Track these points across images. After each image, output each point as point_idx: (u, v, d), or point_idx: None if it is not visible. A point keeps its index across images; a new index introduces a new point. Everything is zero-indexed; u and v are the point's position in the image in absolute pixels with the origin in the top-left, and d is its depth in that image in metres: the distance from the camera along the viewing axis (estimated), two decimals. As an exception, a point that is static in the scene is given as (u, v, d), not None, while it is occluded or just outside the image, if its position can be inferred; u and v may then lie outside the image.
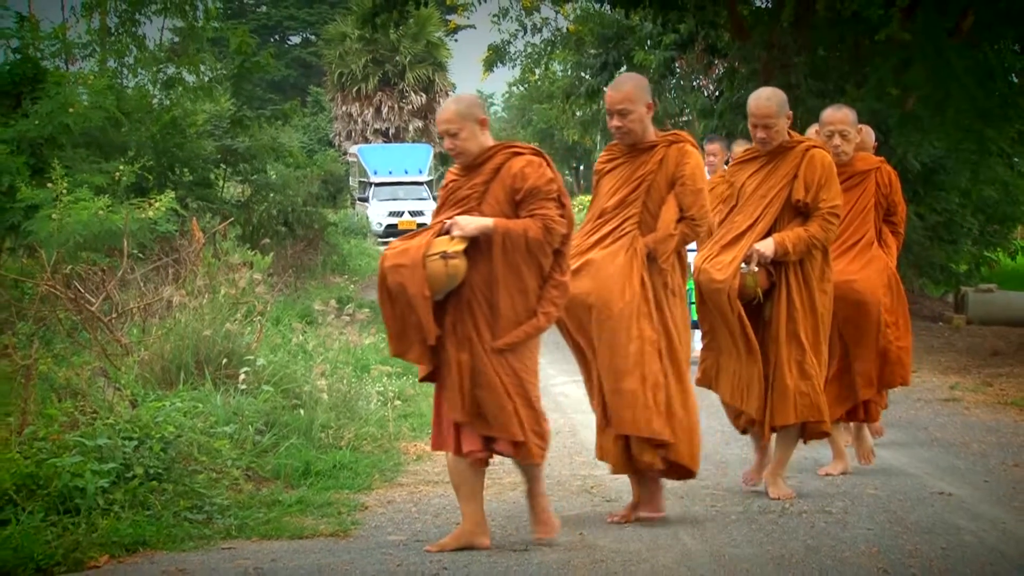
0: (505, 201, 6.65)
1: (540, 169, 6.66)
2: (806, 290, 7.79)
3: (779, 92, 8.01)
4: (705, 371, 8.02)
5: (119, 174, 15.06)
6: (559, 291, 6.70)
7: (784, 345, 7.71)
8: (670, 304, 7.25)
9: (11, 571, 6.45)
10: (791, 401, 7.69)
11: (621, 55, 28.23)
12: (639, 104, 7.29)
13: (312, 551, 6.80)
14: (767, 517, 7.47)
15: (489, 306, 6.57)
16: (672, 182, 7.28)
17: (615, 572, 6.31)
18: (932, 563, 6.44)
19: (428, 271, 6.43)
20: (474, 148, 6.72)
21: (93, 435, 7.77)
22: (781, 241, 7.67)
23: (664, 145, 7.34)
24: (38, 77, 16.65)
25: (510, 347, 6.55)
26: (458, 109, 6.74)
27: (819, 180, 7.75)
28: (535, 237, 6.54)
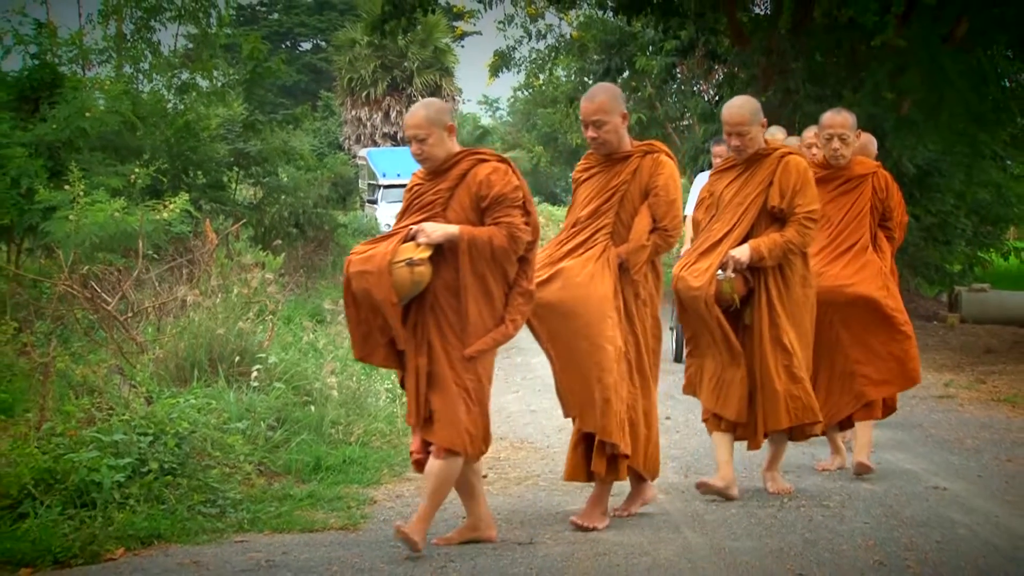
0: (470, 208, 6.52)
1: (506, 177, 6.53)
2: (787, 295, 7.70)
3: (752, 100, 7.92)
4: (690, 378, 7.96)
5: (134, 177, 15.06)
6: (525, 299, 6.58)
7: (769, 351, 7.62)
8: (641, 315, 7.16)
9: (30, 563, 6.45)
10: (783, 405, 7.61)
11: (623, 61, 28.23)
12: (613, 115, 7.15)
13: (323, 544, 6.80)
14: (766, 511, 7.47)
15: (455, 313, 6.43)
16: (646, 192, 7.16)
17: (617, 564, 6.31)
18: (927, 556, 6.44)
19: (394, 278, 6.32)
20: (441, 154, 6.59)
21: (109, 431, 7.77)
22: (756, 247, 7.56)
23: (639, 155, 7.22)
24: (56, 82, 16.66)
25: (480, 353, 6.43)
26: (427, 114, 6.59)
27: (794, 186, 7.64)
28: (500, 245, 6.42)
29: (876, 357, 8.37)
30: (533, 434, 9.87)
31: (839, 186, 8.47)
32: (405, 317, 6.50)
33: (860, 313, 8.31)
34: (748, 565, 6.29)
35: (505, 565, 6.32)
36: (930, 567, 6.24)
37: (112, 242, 13.04)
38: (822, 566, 6.26)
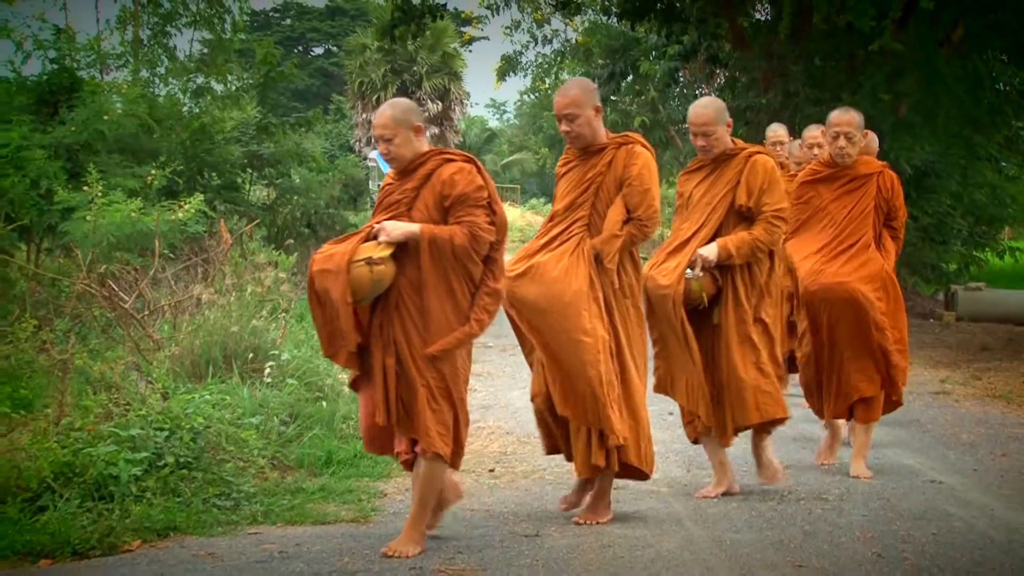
0: (434, 207, 6.39)
1: (470, 176, 6.40)
2: (755, 293, 7.58)
3: (717, 101, 7.83)
4: (660, 378, 7.76)
5: (151, 178, 15.07)
6: (491, 298, 6.42)
7: (737, 348, 7.51)
8: (620, 306, 7.02)
9: (49, 554, 6.46)
10: (752, 401, 7.50)
11: (627, 65, 28.25)
12: (586, 108, 7.02)
13: (334, 536, 6.80)
14: (767, 504, 7.46)
15: (419, 311, 6.30)
16: (621, 183, 7.03)
17: (621, 556, 6.31)
18: (924, 548, 6.43)
19: (352, 276, 6.19)
20: (407, 154, 6.47)
21: (126, 426, 7.79)
22: (724, 245, 7.45)
23: (613, 147, 7.09)
24: (74, 86, 16.68)
25: (443, 353, 6.30)
26: (393, 115, 6.48)
27: (761, 185, 7.52)
28: (461, 244, 6.28)
29: (865, 355, 8.25)
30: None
31: (844, 185, 8.39)
32: (371, 316, 6.41)
33: (849, 310, 8.20)
34: (749, 557, 6.28)
35: (512, 557, 6.32)
36: (927, 559, 6.23)
37: (129, 242, 13.05)
38: (821, 558, 6.25)
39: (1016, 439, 9.74)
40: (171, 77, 23.52)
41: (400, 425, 6.34)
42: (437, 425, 6.29)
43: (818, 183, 8.50)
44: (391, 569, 6.12)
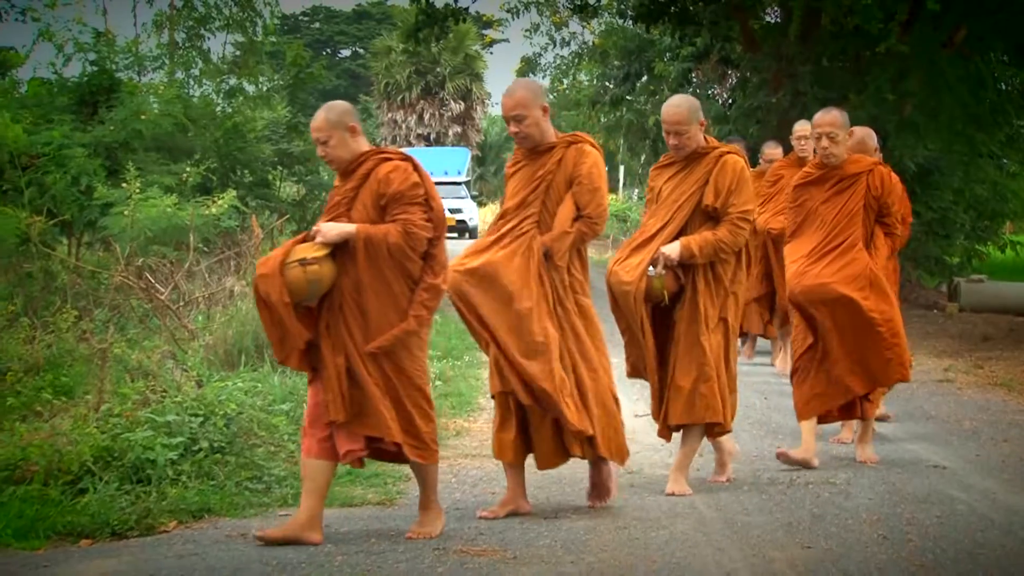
0: (372, 206, 6.19)
1: (405, 174, 6.19)
2: (715, 294, 7.24)
3: (690, 99, 7.54)
4: (633, 364, 7.49)
5: (186, 175, 15.12)
6: (430, 294, 6.21)
7: (684, 348, 7.19)
8: (571, 301, 6.75)
9: (90, 534, 6.49)
10: (685, 402, 7.18)
11: (642, 66, 28.19)
12: (533, 108, 6.73)
13: (361, 518, 6.81)
14: (776, 488, 7.45)
15: (360, 310, 6.11)
16: (570, 182, 6.75)
17: (636, 537, 6.30)
18: (928, 530, 6.41)
19: (288, 278, 6.01)
20: (344, 155, 6.28)
21: (163, 412, 7.81)
22: (687, 244, 7.13)
23: (563, 146, 6.81)
24: (113, 87, 16.73)
25: (381, 350, 6.09)
26: (327, 117, 6.29)
27: (730, 185, 7.19)
28: (395, 242, 6.08)
29: (855, 355, 7.94)
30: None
31: (834, 185, 8.04)
32: (318, 317, 6.21)
33: (838, 311, 7.87)
34: (759, 539, 6.27)
35: (531, 538, 6.32)
36: (931, 541, 6.21)
37: (165, 236, 13.10)
38: (829, 539, 6.24)
39: (1017, 425, 9.70)
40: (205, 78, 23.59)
41: (356, 422, 6.15)
42: (395, 420, 6.13)
43: (810, 185, 8.15)
44: (415, 549, 6.12)
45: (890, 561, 5.85)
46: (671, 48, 26.54)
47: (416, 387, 6.22)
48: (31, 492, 6.77)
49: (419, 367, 6.28)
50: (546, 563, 5.87)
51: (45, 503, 6.67)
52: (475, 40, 52.61)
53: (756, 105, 19.90)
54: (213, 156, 17.47)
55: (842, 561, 5.85)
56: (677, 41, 24.60)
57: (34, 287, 12.01)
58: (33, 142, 13.88)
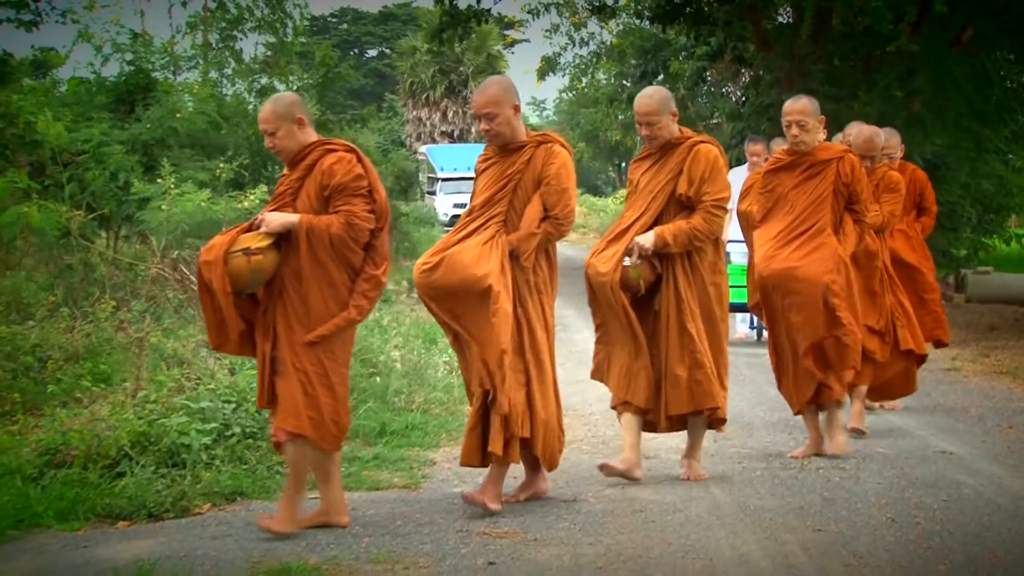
0: (315, 197, 6.07)
1: (349, 166, 6.07)
2: (695, 282, 7.07)
3: (662, 91, 7.32)
4: (598, 364, 7.28)
5: (219, 171, 15.13)
6: (370, 285, 6.09)
7: (675, 336, 7.00)
8: (534, 301, 6.55)
9: (127, 516, 6.51)
10: (685, 390, 6.99)
11: (658, 65, 28.17)
12: (504, 107, 6.52)
13: (387, 501, 6.81)
14: (788, 473, 7.43)
15: (300, 299, 5.99)
16: (539, 182, 6.53)
17: (653, 521, 6.30)
18: (935, 513, 6.39)
19: (231, 267, 5.88)
20: (292, 146, 6.15)
21: (197, 399, 7.83)
22: (661, 233, 6.95)
23: (533, 145, 6.60)
24: (149, 86, 16.76)
25: (322, 340, 5.97)
26: (274, 109, 6.15)
27: (703, 174, 7.02)
28: (337, 233, 5.96)
29: (815, 339, 7.69)
30: (577, 403, 9.84)
31: (804, 171, 7.84)
32: (257, 304, 6.12)
33: (803, 295, 7.63)
34: (771, 521, 6.26)
35: (551, 520, 6.32)
36: (938, 524, 6.19)
37: (199, 229, 13.10)
38: (839, 522, 6.22)
39: (1022, 412, 9.66)
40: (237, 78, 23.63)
41: (275, 410, 6.07)
42: (308, 410, 5.97)
43: (781, 171, 7.96)
44: (439, 531, 6.13)
45: (898, 543, 5.84)
46: (686, 47, 26.50)
47: (341, 376, 6.12)
48: (71, 475, 6.80)
49: (346, 359, 6.18)
50: (565, 545, 5.88)
51: (85, 486, 6.70)
52: (497, 40, 52.55)
53: (768, 103, 19.84)
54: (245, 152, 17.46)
55: (852, 543, 5.84)
56: (692, 41, 24.56)
57: (74, 278, 12.04)
58: (73, 139, 13.90)
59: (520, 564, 5.56)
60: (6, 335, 9.35)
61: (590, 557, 5.66)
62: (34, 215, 11.66)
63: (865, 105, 16.48)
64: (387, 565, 5.56)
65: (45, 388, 8.79)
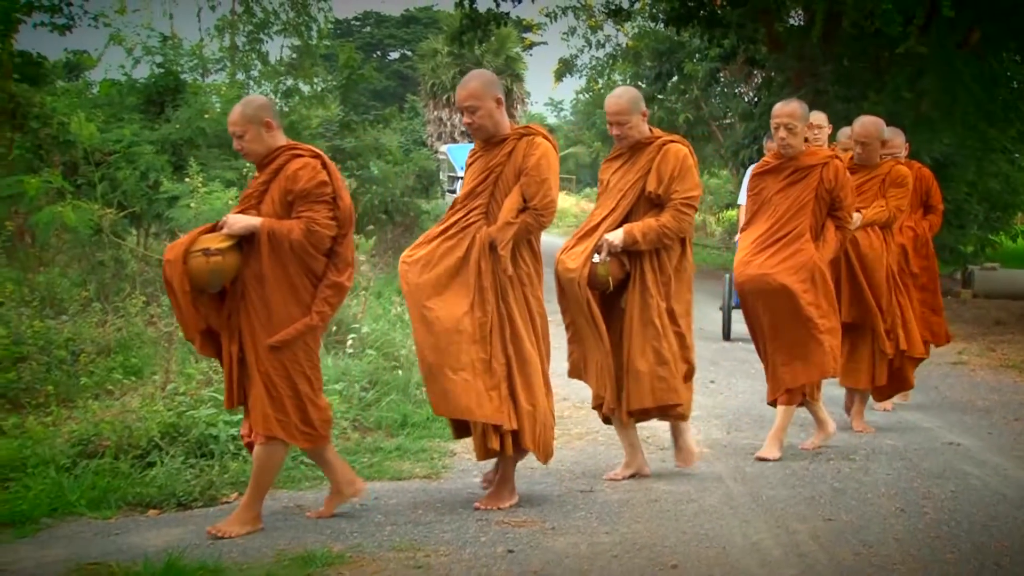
0: (279, 201, 5.92)
1: (313, 172, 5.90)
2: (662, 279, 6.88)
3: (631, 91, 7.15)
4: (574, 363, 7.13)
5: (246, 170, 15.15)
6: (333, 290, 5.95)
7: (639, 332, 6.81)
8: (516, 294, 6.36)
9: (157, 505, 6.53)
10: (647, 385, 6.80)
11: (673, 67, 28.16)
12: (486, 100, 6.37)
13: (409, 490, 6.82)
14: (799, 464, 7.41)
15: (262, 303, 5.85)
16: (519, 173, 6.37)
17: (667, 510, 6.29)
18: (943, 504, 6.38)
19: (190, 266, 5.76)
20: (259, 149, 6.00)
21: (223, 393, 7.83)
22: (630, 231, 6.78)
23: (515, 138, 6.44)
24: (178, 88, 16.78)
25: (283, 344, 5.84)
26: (243, 112, 6.00)
27: (672, 172, 6.83)
28: (297, 239, 5.82)
29: (786, 345, 7.53)
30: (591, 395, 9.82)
31: (788, 176, 7.66)
32: (221, 306, 5.99)
33: (777, 302, 7.45)
34: (783, 511, 6.25)
35: (568, 510, 6.32)
36: (946, 513, 6.18)
37: (227, 227, 13.12)
38: (849, 512, 6.21)
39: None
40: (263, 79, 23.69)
41: (244, 411, 6.02)
42: (275, 412, 5.88)
43: (766, 175, 7.81)
44: (459, 520, 6.13)
45: (907, 532, 5.82)
46: (700, 49, 26.51)
47: (307, 379, 5.96)
48: (103, 465, 6.82)
49: (312, 359, 6.02)
50: (582, 533, 5.87)
51: (116, 475, 6.72)
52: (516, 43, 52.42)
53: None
54: (271, 152, 17.51)
55: (861, 532, 5.83)
56: (706, 43, 24.57)
57: (106, 274, 12.07)
58: (105, 139, 13.93)
59: (538, 552, 5.56)
60: (40, 329, 9.38)
61: (606, 545, 5.66)
62: (68, 214, 11.69)
63: (874, 105, 16.42)
64: (409, 553, 5.56)
65: (78, 381, 8.81)
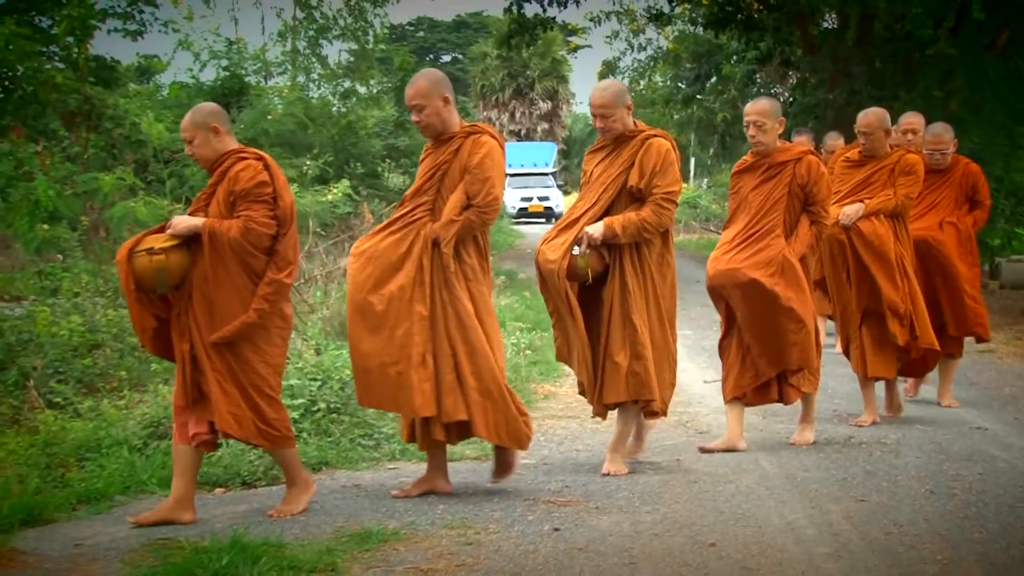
0: (223, 202, 5.82)
1: (254, 173, 5.80)
2: (642, 273, 6.62)
3: (616, 84, 6.97)
4: (559, 348, 6.90)
5: (306, 168, 15.25)
6: (272, 288, 5.79)
7: (617, 326, 6.56)
8: (461, 287, 6.13)
9: (223, 484, 6.59)
10: (622, 380, 6.54)
11: (711, 68, 28.03)
12: (433, 99, 6.19)
13: (460, 471, 6.82)
14: (832, 447, 7.36)
15: (206, 301, 5.73)
16: (465, 171, 6.18)
17: (706, 491, 6.27)
18: (971, 485, 6.32)
19: (135, 266, 5.68)
20: (208, 154, 5.91)
21: (286, 377, 7.84)
22: (610, 224, 6.53)
23: (462, 136, 6.25)
24: (243, 90, 16.93)
25: (224, 340, 5.71)
26: (192, 118, 5.92)
27: (654, 167, 6.58)
28: (234, 237, 5.70)
29: (764, 338, 7.27)
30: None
31: (763, 173, 7.41)
32: (171, 305, 5.86)
33: (750, 296, 7.18)
34: (817, 492, 6.21)
35: (611, 490, 6.31)
36: (974, 495, 6.12)
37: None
38: (880, 494, 6.16)
39: (1053, 392, 9.54)
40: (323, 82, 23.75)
41: (197, 407, 5.84)
42: (229, 406, 5.75)
43: (744, 173, 7.55)
44: (508, 499, 6.14)
45: (936, 513, 5.77)
46: (738, 51, 26.34)
47: (260, 376, 5.83)
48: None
49: (264, 358, 5.86)
50: (624, 512, 5.86)
51: (184, 456, 6.76)
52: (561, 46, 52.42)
53: (814, 102, 19.74)
54: (330, 150, 17.60)
55: (892, 513, 5.78)
56: (743, 45, 24.42)
57: (174, 266, 12.17)
58: (173, 139, 14.02)
59: (583, 530, 5.55)
60: (114, 318, 9.46)
61: (648, 524, 5.64)
62: (140, 209, 11.80)
63: (905, 105, 16.26)
64: (460, 530, 5.57)
65: (149, 366, 8.89)
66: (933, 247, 8.70)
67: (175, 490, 5.88)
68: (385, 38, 26.51)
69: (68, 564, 5.19)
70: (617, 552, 5.20)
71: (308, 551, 5.16)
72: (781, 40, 21.95)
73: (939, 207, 8.87)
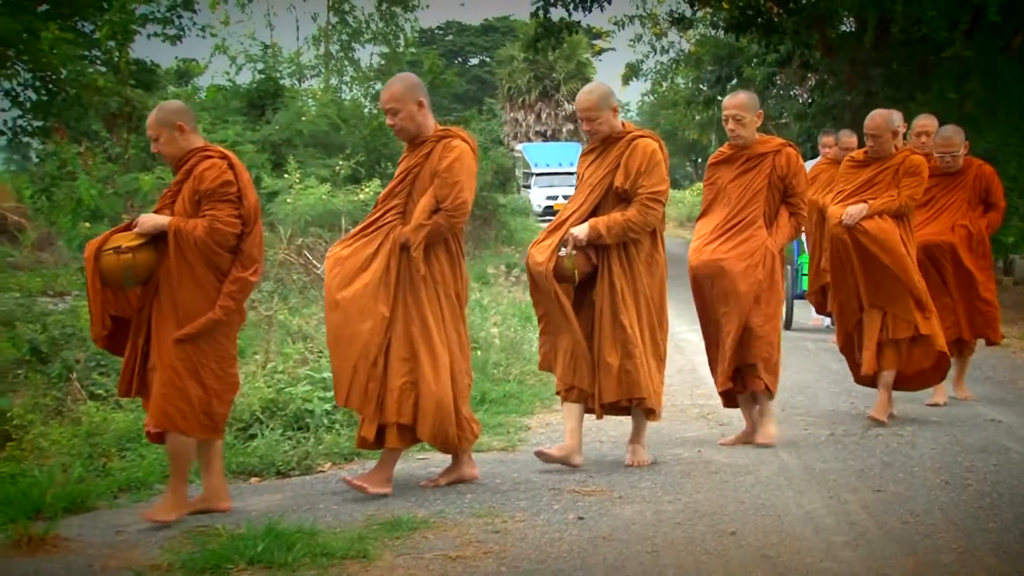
0: (189, 201, 5.71)
1: (218, 172, 5.69)
2: (630, 273, 6.52)
3: (602, 86, 6.78)
4: (544, 355, 6.74)
5: (338, 167, 15.27)
6: (237, 286, 5.69)
7: (608, 326, 6.46)
8: (429, 291, 6.03)
9: (258, 473, 6.61)
10: (615, 378, 6.46)
11: (732, 71, 27.97)
12: (408, 103, 6.07)
13: (487, 462, 6.82)
14: (850, 439, 7.33)
15: (171, 298, 5.63)
16: (435, 175, 6.07)
17: (726, 481, 6.25)
18: (986, 476, 6.28)
19: (102, 263, 5.59)
20: (173, 151, 5.79)
21: (319, 369, 7.91)
22: (595, 224, 6.43)
23: (434, 140, 6.14)
24: (278, 92, 16.96)
25: (188, 337, 5.60)
26: (157, 116, 5.81)
27: (640, 167, 6.47)
28: (200, 236, 5.59)
29: (737, 325, 7.10)
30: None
31: (741, 165, 7.28)
32: (131, 306, 5.78)
33: (728, 287, 7.02)
34: (835, 482, 6.18)
35: (635, 480, 6.30)
36: (988, 485, 6.08)
37: (321, 219, 13.25)
38: (897, 484, 6.13)
39: (1066, 386, 9.47)
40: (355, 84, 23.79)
41: (147, 401, 5.76)
42: (179, 402, 5.62)
43: (721, 164, 7.41)
44: (533, 489, 6.13)
45: (951, 503, 5.74)
46: (758, 54, 26.28)
47: (213, 373, 5.74)
48: (209, 436, 6.89)
49: (222, 352, 5.77)
50: (647, 502, 5.85)
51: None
52: (586, 49, 52.38)
53: (833, 104, 19.68)
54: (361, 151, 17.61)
55: (908, 503, 5.75)
56: (763, 48, 24.36)
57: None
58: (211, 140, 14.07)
59: (607, 519, 5.55)
60: (153, 313, 9.50)
61: (670, 513, 5.63)
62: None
63: (921, 106, 16.19)
64: (488, 519, 5.57)
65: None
66: (945, 250, 8.55)
67: (203, 484, 5.88)
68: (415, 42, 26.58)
69: (109, 550, 5.22)
70: (640, 540, 5.20)
71: (340, 538, 5.18)
72: (800, 43, 21.90)
73: (951, 210, 8.66)
